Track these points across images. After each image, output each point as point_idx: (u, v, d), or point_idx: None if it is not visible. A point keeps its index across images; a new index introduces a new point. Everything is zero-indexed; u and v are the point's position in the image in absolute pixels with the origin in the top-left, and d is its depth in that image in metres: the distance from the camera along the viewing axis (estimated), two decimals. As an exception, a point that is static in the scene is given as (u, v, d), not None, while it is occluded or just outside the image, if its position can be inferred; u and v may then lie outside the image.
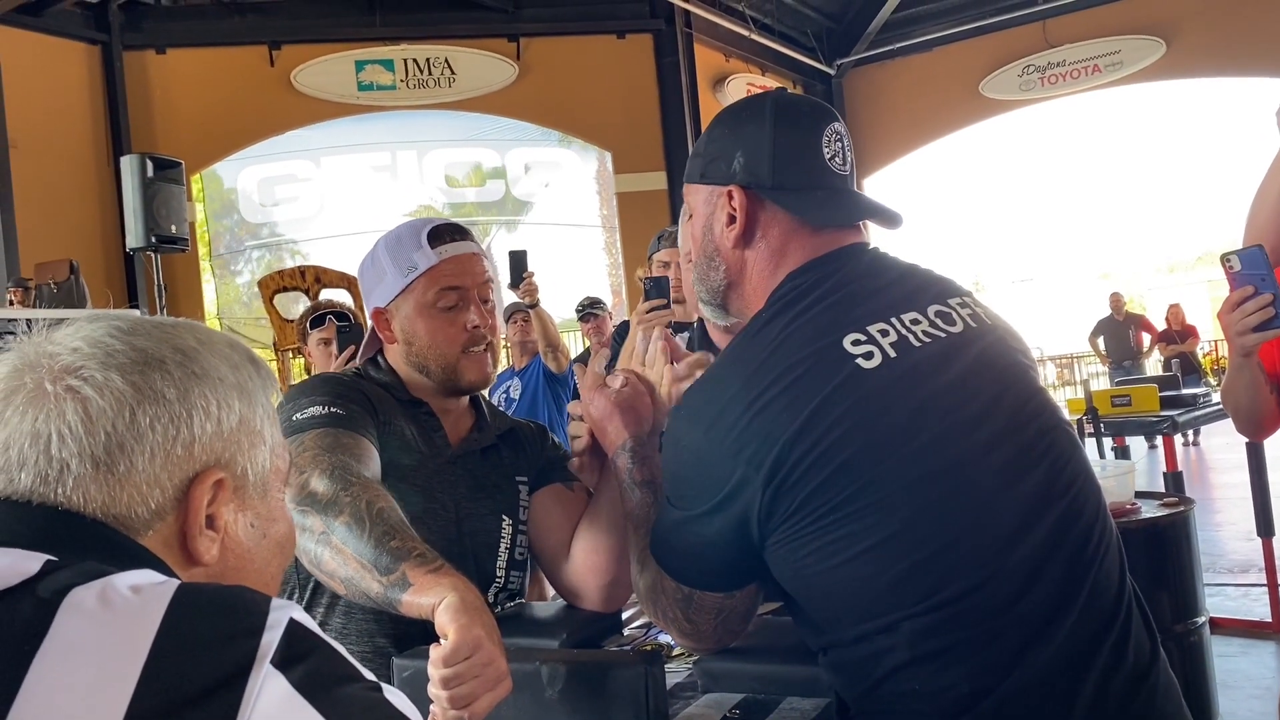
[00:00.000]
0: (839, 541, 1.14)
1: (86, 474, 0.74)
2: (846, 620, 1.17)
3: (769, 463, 1.14)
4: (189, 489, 0.77)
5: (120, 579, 0.68)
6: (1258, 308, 1.77)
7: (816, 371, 1.16)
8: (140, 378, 0.76)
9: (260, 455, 0.83)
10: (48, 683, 0.62)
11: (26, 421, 0.74)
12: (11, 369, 0.77)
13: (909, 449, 1.15)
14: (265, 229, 12.46)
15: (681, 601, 1.27)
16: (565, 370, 5.16)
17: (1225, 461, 9.55)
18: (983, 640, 1.13)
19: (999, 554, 1.15)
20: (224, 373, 0.81)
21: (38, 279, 5.99)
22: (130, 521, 0.75)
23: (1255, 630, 4.43)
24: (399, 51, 11.94)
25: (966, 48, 14.70)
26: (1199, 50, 13.21)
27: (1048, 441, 1.25)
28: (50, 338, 0.79)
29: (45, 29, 10.20)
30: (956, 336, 1.25)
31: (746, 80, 14.23)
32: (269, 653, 0.65)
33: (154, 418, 0.76)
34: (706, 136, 1.40)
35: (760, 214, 1.31)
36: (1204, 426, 9.04)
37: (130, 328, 0.79)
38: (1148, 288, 20.41)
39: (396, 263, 1.60)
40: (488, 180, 13.08)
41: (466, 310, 1.61)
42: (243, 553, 0.83)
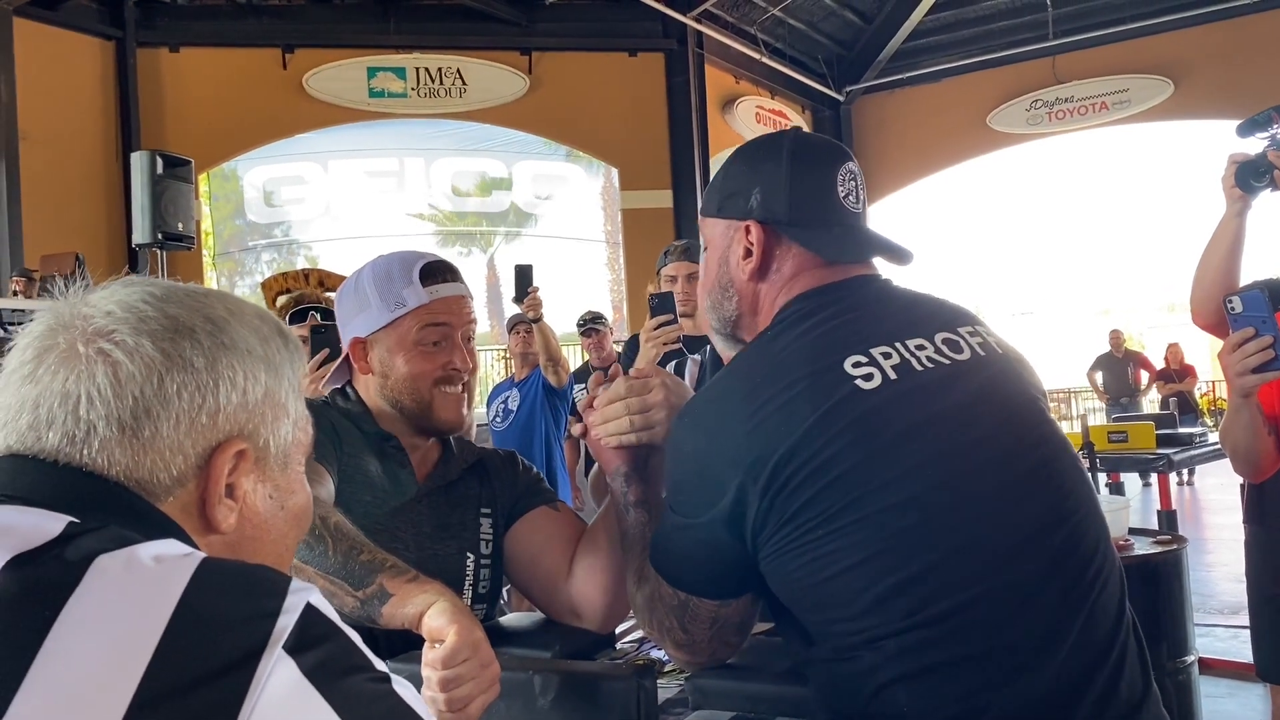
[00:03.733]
0: (829, 555, 1.15)
1: (112, 437, 0.74)
2: (835, 635, 1.18)
3: (766, 472, 1.16)
4: (211, 457, 0.78)
5: (145, 549, 0.69)
6: (1258, 349, 1.79)
7: (815, 388, 1.18)
8: (170, 345, 0.77)
9: (283, 428, 0.84)
10: (66, 648, 0.62)
11: (58, 381, 0.75)
12: (46, 328, 0.78)
13: (902, 468, 1.16)
14: (274, 229, 12.48)
15: (677, 609, 1.27)
16: (565, 384, 5.16)
17: (1219, 502, 9.55)
18: (971, 662, 1.13)
19: (989, 576, 1.15)
20: (252, 344, 0.81)
21: (43, 270, 6.00)
22: (152, 486, 0.76)
23: (1244, 673, 4.42)
24: (411, 60, 12.00)
25: (975, 80, 14.77)
26: (1207, 92, 13.28)
27: (1049, 470, 1.25)
28: (86, 299, 0.79)
29: (61, 23, 10.25)
30: (962, 363, 1.26)
31: (755, 103, 14.30)
32: (282, 637, 0.65)
33: (181, 385, 0.76)
34: (723, 172, 1.42)
35: (776, 248, 1.34)
36: (1199, 466, 9.04)
37: (164, 294, 0.80)
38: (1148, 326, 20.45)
39: (384, 296, 1.57)
40: (493, 191, 13.12)
41: (449, 350, 1.58)
42: (260, 523, 0.83)
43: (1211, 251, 2.25)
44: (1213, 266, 2.24)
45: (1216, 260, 2.24)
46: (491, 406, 5.56)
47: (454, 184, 13.03)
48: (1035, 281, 21.05)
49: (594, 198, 13.47)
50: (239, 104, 11.23)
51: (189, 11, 11.33)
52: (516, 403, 5.37)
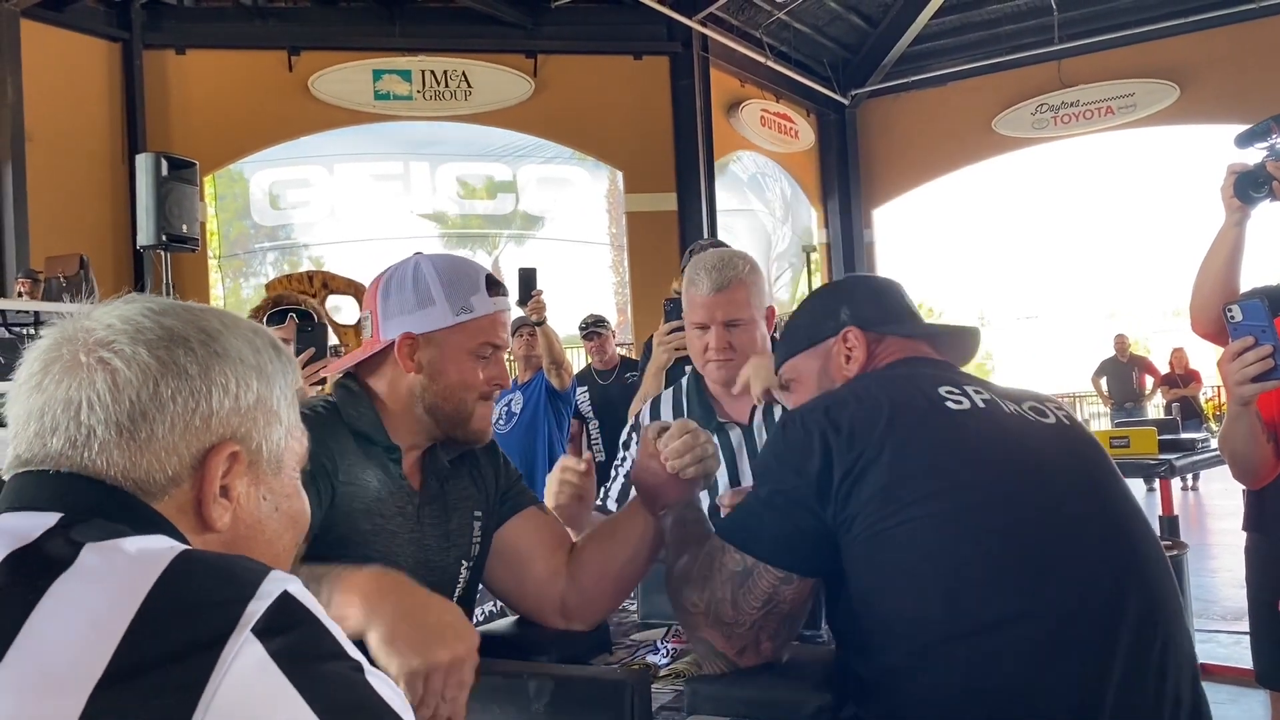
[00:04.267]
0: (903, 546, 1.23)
1: (111, 439, 0.79)
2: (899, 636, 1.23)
3: (855, 450, 1.26)
4: (205, 459, 0.82)
5: (130, 541, 0.74)
6: (1257, 358, 1.80)
7: (911, 400, 1.33)
8: (165, 352, 0.82)
9: (276, 433, 0.88)
10: (45, 628, 0.67)
11: (61, 389, 0.80)
12: (51, 342, 0.83)
13: (980, 477, 1.26)
14: (280, 231, 12.50)
15: (738, 577, 1.32)
16: (568, 387, 5.17)
17: (1223, 508, 9.52)
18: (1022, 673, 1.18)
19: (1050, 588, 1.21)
20: (245, 354, 0.86)
21: (47, 272, 6.02)
22: (149, 485, 0.80)
23: (1246, 679, 4.41)
24: (417, 62, 12.02)
25: (981, 84, 14.77)
26: (1212, 96, 13.27)
27: (1120, 526, 1.32)
28: (89, 315, 0.85)
29: (67, 25, 10.29)
30: (1048, 424, 1.38)
31: (760, 106, 14.31)
32: (252, 620, 0.68)
33: (175, 390, 0.81)
34: (804, 312, 1.62)
35: (873, 345, 1.50)
36: (1203, 472, 9.01)
37: (161, 309, 0.85)
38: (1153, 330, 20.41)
39: (451, 297, 1.52)
40: (498, 194, 13.14)
41: (496, 365, 1.57)
42: (254, 523, 0.87)
43: (1210, 261, 2.26)
44: (1212, 275, 2.25)
45: (1215, 269, 2.25)
46: (495, 408, 5.56)
47: (459, 187, 13.05)
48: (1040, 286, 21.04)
49: (599, 200, 13.49)
50: (244, 106, 11.26)
51: (195, 14, 11.36)
52: (520, 405, 5.38)
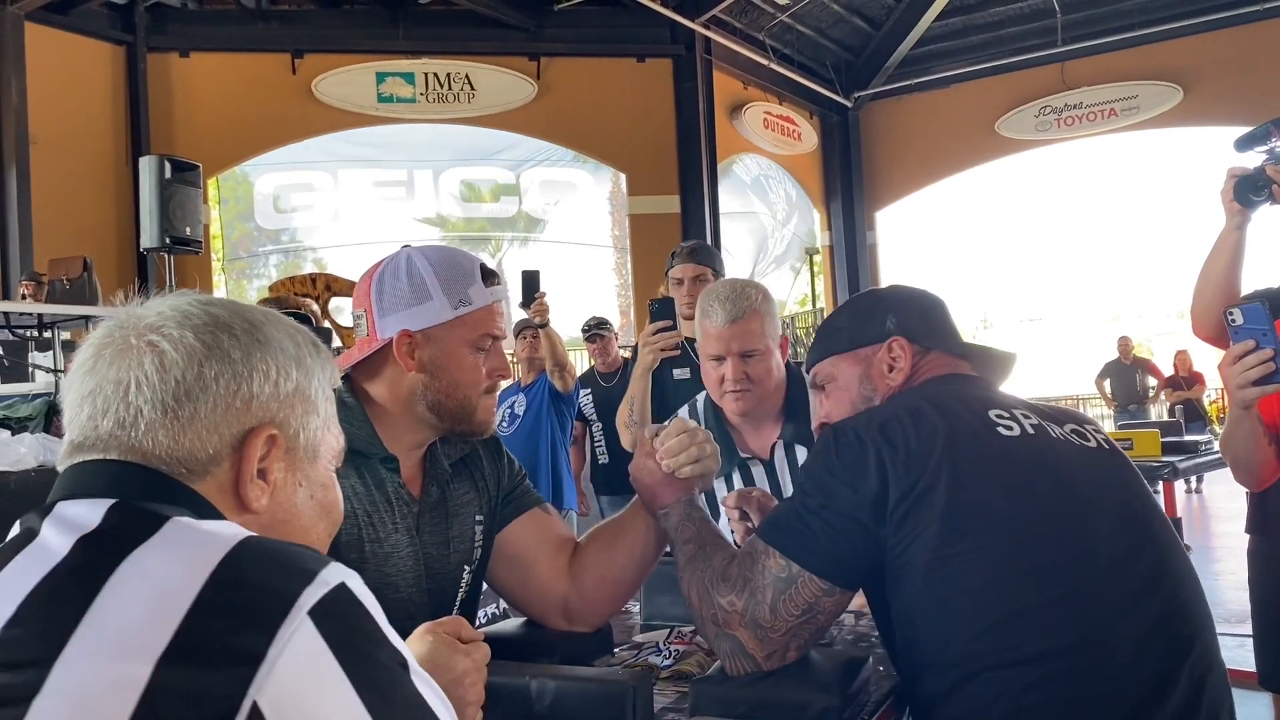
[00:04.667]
0: (959, 576, 1.25)
1: (156, 419, 0.83)
2: (949, 665, 1.26)
3: (913, 474, 1.28)
4: (245, 440, 0.86)
5: (195, 522, 0.79)
6: (1258, 362, 1.80)
7: (965, 425, 1.34)
8: (210, 337, 0.85)
9: (313, 422, 0.91)
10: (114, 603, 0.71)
11: (112, 370, 0.84)
12: (105, 330, 0.87)
13: (1031, 507, 1.28)
14: (283, 234, 12.51)
15: (782, 582, 1.33)
16: (571, 389, 5.17)
17: (1227, 510, 9.51)
18: (1083, 703, 1.21)
19: (1106, 624, 1.24)
20: (285, 345, 0.90)
21: (51, 274, 6.02)
22: (191, 464, 0.83)
23: (1250, 682, 4.39)
24: (420, 65, 12.04)
25: (984, 86, 14.77)
26: (1216, 98, 13.26)
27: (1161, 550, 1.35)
28: (138, 309, 0.88)
29: (71, 27, 10.31)
30: (1089, 448, 1.42)
31: (764, 109, 14.31)
32: (308, 604, 0.72)
33: (219, 372, 0.85)
34: (844, 315, 1.63)
35: (917, 357, 1.52)
36: (1207, 474, 8.98)
37: (209, 301, 0.89)
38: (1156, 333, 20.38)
39: (449, 290, 1.47)
40: (501, 196, 13.14)
41: (495, 357, 1.54)
42: (290, 506, 0.90)
43: (1211, 265, 2.26)
44: (1212, 280, 2.25)
45: (1216, 273, 2.25)
46: (498, 411, 5.56)
47: (462, 190, 13.06)
48: (1044, 288, 21.00)
49: (602, 203, 13.49)
50: (248, 109, 11.28)
51: (199, 17, 11.38)
52: (523, 407, 5.38)
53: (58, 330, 5.74)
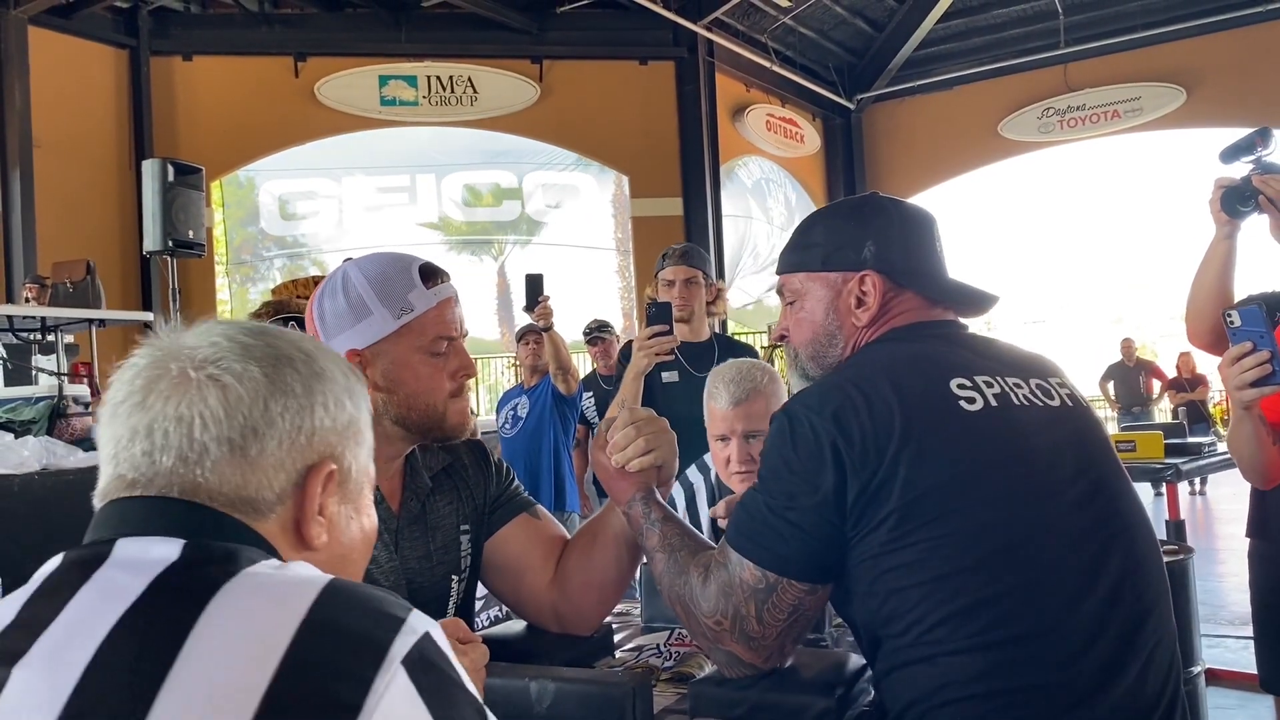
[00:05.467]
0: (911, 565, 1.22)
1: (223, 457, 0.80)
2: (907, 646, 1.23)
3: (870, 463, 1.23)
4: (307, 477, 0.83)
5: (275, 566, 0.77)
6: (1255, 364, 1.82)
7: (924, 405, 1.27)
8: (273, 370, 0.83)
9: (362, 454, 0.90)
10: (202, 652, 0.68)
11: (170, 405, 0.80)
12: (151, 360, 0.83)
13: (990, 494, 1.24)
14: (287, 238, 12.53)
15: (761, 594, 1.29)
16: (574, 392, 5.17)
17: (1230, 513, 9.49)
18: (1034, 691, 1.20)
19: (1056, 611, 1.22)
20: (337, 375, 0.88)
21: (54, 278, 6.03)
22: (256, 504, 0.81)
23: (1254, 684, 4.38)
24: (423, 68, 12.06)
25: (987, 88, 14.76)
26: (1218, 100, 13.24)
27: (1123, 522, 1.33)
28: (181, 339, 0.84)
29: (75, 31, 10.33)
30: (1054, 409, 1.36)
31: (766, 111, 14.31)
32: (401, 654, 0.71)
33: (284, 408, 0.82)
34: (823, 228, 1.51)
35: (891, 295, 1.43)
36: (1210, 476, 8.95)
37: (257, 330, 0.87)
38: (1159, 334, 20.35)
39: (386, 302, 1.42)
40: (504, 200, 13.15)
41: (456, 356, 1.49)
42: (346, 541, 0.88)
43: (1203, 274, 2.29)
44: (1206, 288, 2.27)
45: (1209, 282, 2.27)
46: (501, 413, 5.58)
47: (465, 194, 13.07)
48: (1046, 290, 21.00)
49: (604, 205, 13.50)
50: (251, 112, 11.30)
51: (202, 20, 11.41)
52: (526, 410, 5.39)
53: (60, 333, 5.75)
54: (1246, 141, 2.20)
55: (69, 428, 5.09)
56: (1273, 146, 2.19)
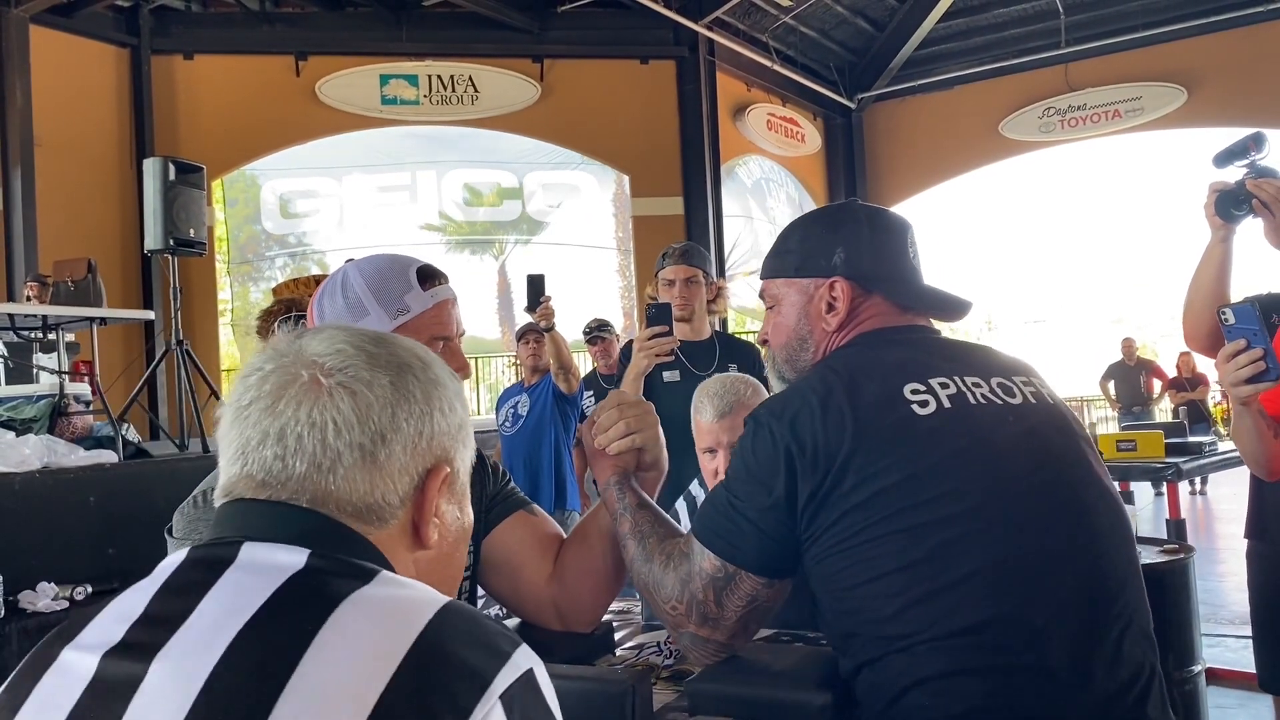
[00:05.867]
0: (869, 561, 1.25)
1: (355, 462, 0.83)
2: (868, 640, 1.26)
3: (820, 470, 1.28)
4: (425, 480, 0.87)
5: (393, 585, 0.79)
6: (1249, 361, 1.85)
7: (877, 411, 1.31)
8: (397, 377, 0.86)
9: (468, 455, 0.93)
10: (319, 663, 0.71)
11: (303, 411, 0.83)
12: (278, 365, 0.86)
13: (945, 487, 1.26)
14: (289, 237, 12.53)
15: (720, 581, 1.35)
16: (575, 391, 5.17)
17: (1230, 512, 9.49)
18: (994, 673, 1.21)
19: (1016, 594, 1.24)
20: (447, 380, 0.91)
21: (56, 276, 6.03)
22: (380, 511, 0.84)
23: (1253, 684, 4.38)
24: (423, 67, 12.06)
25: (988, 87, 14.76)
26: (1220, 100, 13.24)
27: (1082, 507, 1.34)
28: (306, 345, 0.87)
29: (76, 30, 10.33)
30: (1014, 406, 1.38)
31: (767, 110, 14.31)
32: (501, 688, 0.73)
33: (408, 414, 0.85)
34: (800, 234, 1.55)
35: (859, 301, 1.47)
36: (1212, 476, 8.95)
37: (376, 338, 0.90)
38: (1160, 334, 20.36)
39: (383, 302, 1.46)
40: (505, 199, 13.16)
41: (451, 357, 1.50)
42: (453, 540, 0.92)
43: (1200, 277, 2.31)
44: (1202, 292, 2.29)
45: (1205, 285, 2.30)
46: (501, 411, 5.58)
47: (465, 193, 13.07)
48: (1047, 290, 21.00)
49: (605, 204, 13.49)
50: (252, 111, 11.30)
51: (203, 19, 11.41)
52: (526, 408, 5.39)
53: (62, 332, 5.75)
54: (1240, 146, 2.22)
55: (70, 426, 5.10)
56: (1266, 151, 2.22)
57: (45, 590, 3.63)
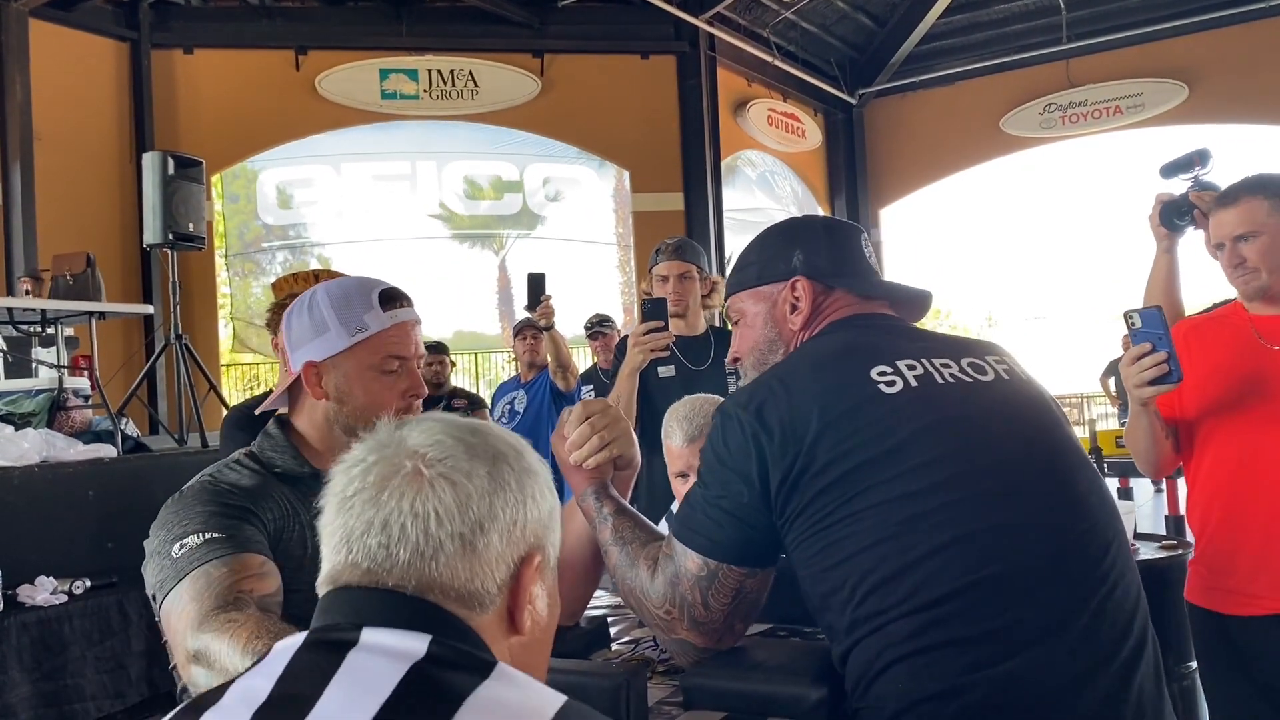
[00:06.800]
0: (840, 541, 1.26)
1: (455, 551, 0.85)
2: (850, 622, 1.27)
3: (789, 455, 1.29)
4: (520, 567, 0.89)
5: (518, 678, 0.82)
6: (1153, 364, 1.94)
7: (843, 391, 1.32)
8: (494, 468, 0.89)
9: (558, 539, 0.96)
10: None
11: (405, 502, 0.85)
12: (381, 457, 0.88)
13: (912, 463, 1.26)
14: (288, 230, 12.53)
15: (704, 580, 1.36)
16: (573, 389, 5.17)
17: (1231, 508, 9.47)
18: (969, 644, 1.21)
19: (989, 565, 1.23)
20: (538, 468, 0.94)
21: (55, 270, 6.02)
22: (480, 597, 0.86)
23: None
24: (424, 62, 12.04)
25: (989, 83, 14.75)
26: (1221, 96, 13.23)
27: (1060, 476, 1.35)
28: (407, 437, 0.90)
29: (76, 24, 10.31)
30: (984, 382, 1.39)
31: (768, 106, 14.30)
32: None
33: (504, 503, 0.88)
34: (757, 247, 1.59)
35: (821, 297, 1.51)
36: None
37: (471, 428, 0.93)
38: (1161, 331, 20.33)
39: (343, 320, 1.55)
40: (505, 193, 13.15)
41: (407, 377, 1.59)
42: (545, 625, 0.94)
43: (1152, 286, 2.44)
44: (1154, 299, 2.40)
45: (1156, 294, 2.42)
46: (497, 406, 5.58)
47: (466, 187, 13.07)
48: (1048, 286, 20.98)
49: (605, 200, 13.49)
50: (252, 105, 11.28)
51: (203, 13, 11.39)
52: (523, 404, 5.39)
53: (61, 326, 5.75)
54: (1185, 160, 2.36)
55: (69, 420, 5.10)
56: (1210, 165, 2.35)
57: (44, 584, 3.63)
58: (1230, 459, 2.16)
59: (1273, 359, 2.11)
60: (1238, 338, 2.17)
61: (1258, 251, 2.10)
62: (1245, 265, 2.12)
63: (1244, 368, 2.13)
